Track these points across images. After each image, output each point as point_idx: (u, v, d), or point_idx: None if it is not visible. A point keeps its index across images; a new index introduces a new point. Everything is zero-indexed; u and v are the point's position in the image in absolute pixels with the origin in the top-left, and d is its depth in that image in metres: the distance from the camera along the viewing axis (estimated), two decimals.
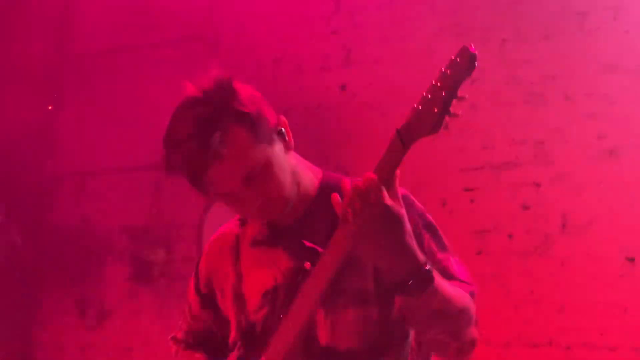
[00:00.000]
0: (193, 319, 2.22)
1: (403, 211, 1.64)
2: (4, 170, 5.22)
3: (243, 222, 2.10)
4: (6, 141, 5.21)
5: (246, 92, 1.87)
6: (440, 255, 1.88)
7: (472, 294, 1.83)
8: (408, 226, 1.65)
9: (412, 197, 1.94)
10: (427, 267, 1.65)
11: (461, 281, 1.85)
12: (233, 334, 2.06)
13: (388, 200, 1.60)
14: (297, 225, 1.97)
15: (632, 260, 3.72)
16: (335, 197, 1.67)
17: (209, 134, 1.78)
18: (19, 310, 5.18)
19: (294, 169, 1.94)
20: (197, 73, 1.88)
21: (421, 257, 1.66)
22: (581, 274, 3.84)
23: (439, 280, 1.68)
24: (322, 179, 2.02)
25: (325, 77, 4.73)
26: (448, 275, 1.82)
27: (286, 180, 1.90)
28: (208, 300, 2.16)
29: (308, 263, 1.81)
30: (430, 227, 1.93)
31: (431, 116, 1.58)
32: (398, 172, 1.66)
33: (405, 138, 1.63)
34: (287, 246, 1.96)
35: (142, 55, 5.35)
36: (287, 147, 1.94)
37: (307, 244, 1.90)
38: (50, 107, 5.62)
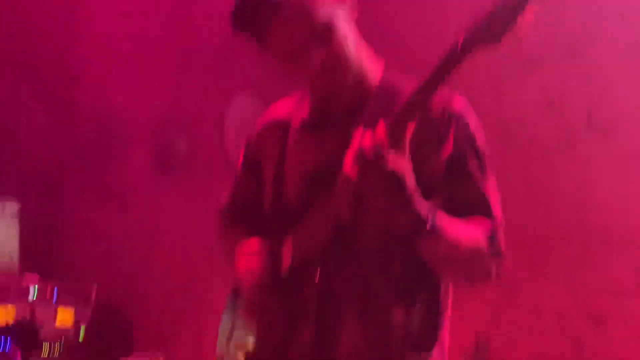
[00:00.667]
0: (238, 189, 2.25)
1: (407, 170, 1.65)
2: (31, 57, 5.24)
3: (297, 102, 2.09)
4: (33, 28, 5.21)
5: None
6: (479, 178, 1.88)
7: (492, 233, 1.83)
8: (411, 185, 1.66)
9: (467, 116, 1.92)
10: (429, 226, 1.68)
11: (487, 217, 1.85)
12: (267, 210, 2.08)
13: (391, 164, 1.61)
14: (348, 116, 1.92)
15: None
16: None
17: None
18: (45, 193, 5.28)
19: (357, 44, 1.92)
20: None
21: (423, 215, 1.68)
22: (603, 173, 3.84)
23: (445, 231, 1.72)
24: (383, 75, 1.97)
25: None
26: (476, 205, 1.85)
27: (349, 52, 1.90)
28: (253, 172, 2.16)
29: (346, 158, 1.72)
30: (475, 149, 1.90)
31: (501, 22, 1.58)
32: (412, 125, 1.64)
33: (467, 45, 1.60)
34: (334, 135, 1.92)
35: None
36: (351, 17, 1.91)
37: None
38: None
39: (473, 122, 1.92)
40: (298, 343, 1.88)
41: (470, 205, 1.84)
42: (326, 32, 1.85)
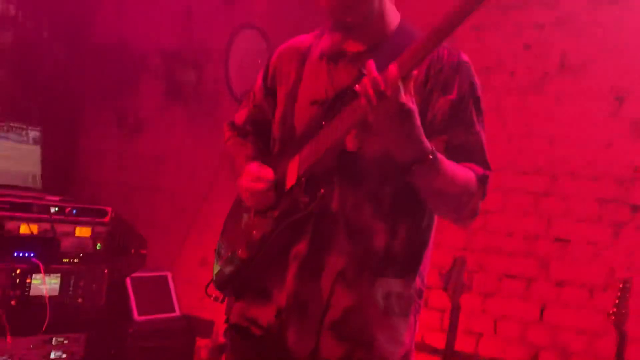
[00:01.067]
0: (255, 107, 2.23)
1: (414, 107, 1.67)
2: None
3: (318, 36, 2.10)
4: None
5: None
6: (477, 127, 1.90)
7: (482, 177, 1.87)
8: (418, 120, 1.69)
9: (471, 68, 1.94)
10: (431, 157, 1.72)
11: (480, 164, 1.90)
12: (275, 129, 2.09)
13: (403, 98, 1.63)
14: (365, 54, 1.92)
15: (620, 99, 3.76)
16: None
17: None
18: (64, 120, 5.29)
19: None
20: None
21: (427, 147, 1.72)
22: (573, 111, 3.90)
23: (444, 165, 1.76)
24: (401, 20, 2.00)
25: None
26: (475, 157, 1.89)
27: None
28: (270, 92, 2.16)
29: (358, 86, 1.72)
30: (476, 100, 1.93)
31: None
32: (415, 72, 1.66)
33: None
34: (348, 69, 1.94)
35: None
36: None
37: (367, 71, 1.81)
38: None
39: (475, 75, 1.95)
40: (295, 251, 1.91)
41: (468, 150, 1.88)
42: None
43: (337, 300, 1.88)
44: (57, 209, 4.00)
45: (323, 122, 1.89)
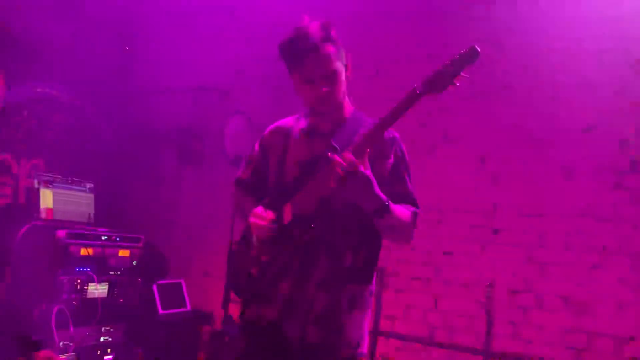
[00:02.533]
0: (255, 164, 2.19)
1: (369, 173, 1.77)
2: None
3: (297, 119, 2.13)
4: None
5: (335, 32, 1.96)
6: (410, 187, 2.02)
7: (414, 213, 1.96)
8: (374, 182, 1.79)
9: (401, 142, 2.04)
10: (386, 204, 1.82)
11: (412, 205, 1.98)
12: (271, 184, 2.07)
13: (362, 171, 1.76)
14: (331, 132, 2.00)
15: (483, 159, 3.86)
16: (332, 156, 1.78)
17: (316, 37, 1.91)
18: (112, 176, 5.12)
19: (345, 89, 2.03)
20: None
21: (383, 199, 1.82)
22: (453, 168, 3.96)
23: (394, 209, 1.86)
24: (354, 109, 2.09)
25: None
26: (408, 200, 1.98)
27: (341, 90, 2.00)
28: (264, 156, 2.15)
29: (330, 153, 1.81)
30: (407, 165, 2.04)
31: (445, 81, 1.77)
32: (368, 150, 1.77)
33: (424, 89, 1.76)
34: (320, 142, 2.00)
35: None
36: (346, 74, 2.01)
37: (334, 143, 1.92)
38: None
39: (404, 146, 2.05)
40: (290, 268, 1.93)
41: (403, 197, 1.97)
42: (334, 75, 1.95)
43: (318, 302, 1.91)
44: (105, 237, 3.97)
45: (305, 178, 1.92)
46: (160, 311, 4.25)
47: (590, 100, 3.59)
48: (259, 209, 1.98)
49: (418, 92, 1.77)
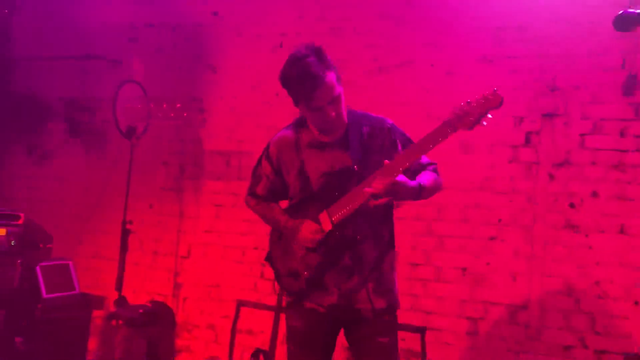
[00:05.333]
0: (270, 182, 2.43)
1: (400, 179, 2.10)
2: None
3: (297, 131, 2.36)
4: None
5: (327, 54, 2.24)
6: (423, 158, 2.33)
7: (435, 169, 2.36)
8: (404, 182, 2.11)
9: (396, 125, 2.38)
10: (420, 188, 2.19)
11: (429, 163, 2.36)
12: (296, 193, 2.36)
13: (393, 187, 2.09)
14: (340, 141, 2.30)
15: None
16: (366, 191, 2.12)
17: (319, 69, 2.16)
18: None
19: (345, 106, 2.31)
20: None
21: (416, 187, 2.19)
22: None
23: (426, 183, 2.23)
24: (348, 112, 2.34)
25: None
26: (424, 162, 2.34)
27: (344, 110, 2.29)
28: (278, 172, 2.40)
29: (356, 166, 2.23)
30: (409, 138, 2.36)
31: (473, 120, 2.02)
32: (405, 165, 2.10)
33: (455, 125, 2.03)
34: (331, 152, 2.30)
35: None
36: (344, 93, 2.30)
37: (351, 156, 2.26)
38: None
39: (398, 127, 2.38)
40: (343, 264, 2.27)
41: (422, 164, 2.34)
42: (338, 98, 2.24)
43: (372, 277, 2.28)
44: None
45: (330, 186, 2.25)
46: (45, 295, 4.00)
47: (488, 76, 3.66)
48: (312, 224, 2.28)
49: (450, 130, 2.06)
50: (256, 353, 3.46)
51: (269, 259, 2.46)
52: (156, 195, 4.60)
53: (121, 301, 3.77)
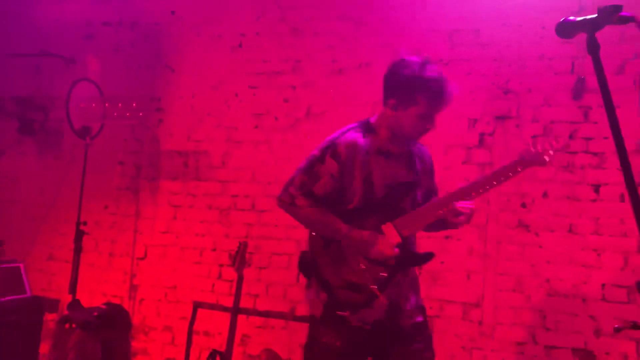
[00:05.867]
0: (333, 182, 2.22)
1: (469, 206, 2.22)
2: None
3: (364, 135, 2.26)
4: None
5: None
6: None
7: None
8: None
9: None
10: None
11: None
12: (356, 200, 2.22)
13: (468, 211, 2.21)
14: (403, 154, 2.31)
15: None
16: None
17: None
18: None
19: None
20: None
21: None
22: (315, 143, 4.02)
23: None
24: None
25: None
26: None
27: None
28: (342, 173, 2.22)
29: (417, 182, 2.29)
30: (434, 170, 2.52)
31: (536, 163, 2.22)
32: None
33: (522, 166, 2.18)
34: (397, 164, 2.29)
35: None
36: None
37: (417, 167, 2.32)
38: None
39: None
40: (395, 281, 2.22)
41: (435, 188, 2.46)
42: None
43: (411, 294, 2.30)
44: None
45: (394, 196, 2.23)
46: None
47: None
48: (387, 239, 2.20)
49: (519, 169, 2.19)
50: (213, 354, 3.43)
51: (309, 267, 2.26)
52: (112, 195, 4.53)
53: (75, 304, 3.68)
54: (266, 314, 3.87)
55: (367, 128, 2.29)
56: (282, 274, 4.00)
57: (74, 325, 3.78)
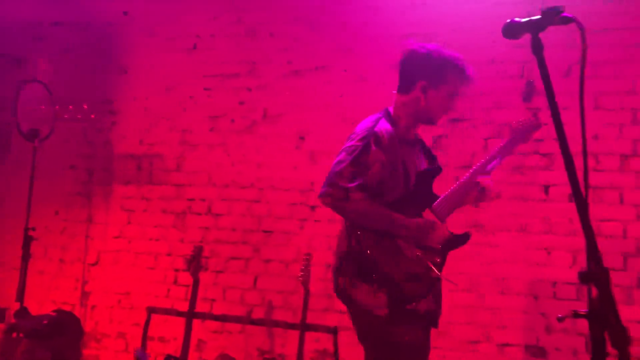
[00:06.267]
0: (382, 171, 2.14)
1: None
2: None
3: (392, 124, 2.22)
4: None
5: None
6: None
7: None
8: None
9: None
10: None
11: None
12: (399, 190, 2.17)
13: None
14: (418, 141, 2.36)
15: (302, 138, 4.00)
16: None
17: None
18: None
19: None
20: None
21: None
22: (272, 146, 4.03)
23: None
24: None
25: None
26: None
27: None
28: (387, 163, 2.15)
29: (436, 165, 2.32)
30: None
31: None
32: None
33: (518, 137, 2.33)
34: (419, 152, 2.35)
35: None
36: None
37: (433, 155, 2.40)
38: None
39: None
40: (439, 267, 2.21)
41: None
42: None
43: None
44: None
45: (422, 186, 2.23)
46: None
47: (396, 83, 3.77)
48: (438, 225, 2.19)
49: (521, 139, 2.36)
50: (168, 359, 3.39)
51: (366, 268, 2.09)
52: (63, 200, 4.41)
53: (22, 312, 3.56)
54: (222, 318, 3.85)
55: (390, 118, 2.25)
56: (239, 277, 3.98)
57: (21, 334, 3.66)
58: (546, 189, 3.49)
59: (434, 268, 2.16)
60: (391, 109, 2.30)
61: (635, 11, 3.53)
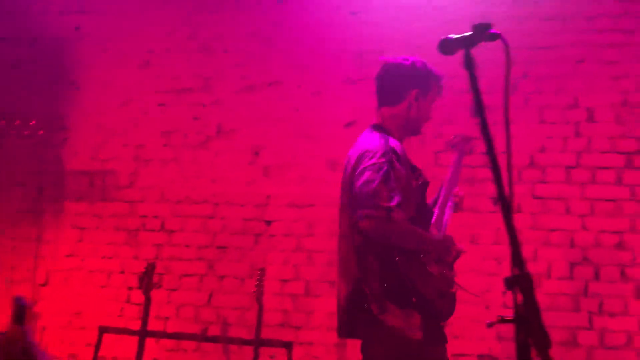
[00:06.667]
0: (405, 188, 2.07)
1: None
2: None
3: (399, 140, 2.20)
4: None
5: None
6: None
7: None
8: None
9: None
10: None
11: None
12: (413, 206, 2.13)
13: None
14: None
15: (257, 153, 4.01)
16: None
17: None
18: None
19: None
20: None
21: None
22: (226, 161, 4.02)
23: None
24: None
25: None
26: None
27: None
28: (406, 179, 2.13)
29: (426, 180, 2.26)
30: None
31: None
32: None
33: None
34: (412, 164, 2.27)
35: None
36: None
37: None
38: None
39: None
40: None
41: None
42: None
43: None
44: None
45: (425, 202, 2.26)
46: None
47: (352, 97, 3.84)
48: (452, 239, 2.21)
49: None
50: None
51: (405, 292, 2.00)
52: (10, 218, 4.29)
53: None
54: (177, 336, 3.80)
55: (386, 132, 2.20)
56: (193, 295, 3.93)
57: None
58: (495, 200, 3.58)
59: (459, 284, 2.17)
60: (380, 124, 2.25)
61: (576, 28, 3.69)
